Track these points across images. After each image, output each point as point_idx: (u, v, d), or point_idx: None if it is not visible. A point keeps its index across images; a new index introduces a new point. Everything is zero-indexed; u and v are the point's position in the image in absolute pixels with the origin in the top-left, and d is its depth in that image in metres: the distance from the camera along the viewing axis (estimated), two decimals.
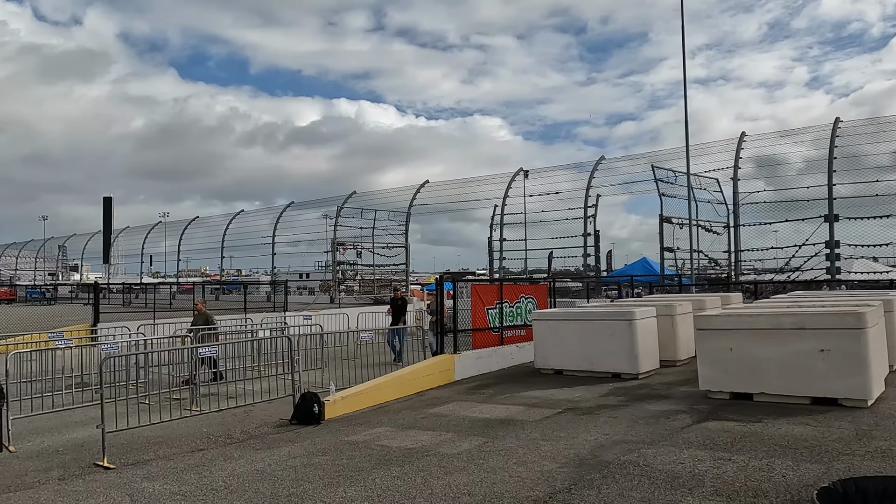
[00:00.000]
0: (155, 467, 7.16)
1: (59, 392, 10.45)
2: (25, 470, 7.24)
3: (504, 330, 13.32)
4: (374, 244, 30.64)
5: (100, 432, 8.61)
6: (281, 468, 6.86)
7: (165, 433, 8.64)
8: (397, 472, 6.48)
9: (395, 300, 16.67)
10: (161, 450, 7.93)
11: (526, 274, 29.60)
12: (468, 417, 8.86)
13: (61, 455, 7.85)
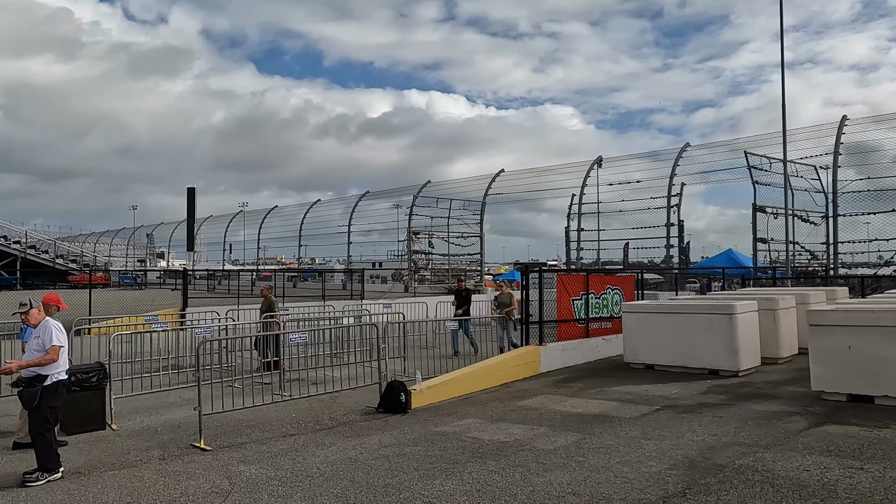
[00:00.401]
0: (249, 451, 7.20)
1: (155, 373, 10.79)
2: (128, 448, 7.44)
3: (590, 322, 12.86)
4: (450, 233, 30.49)
5: (195, 414, 8.80)
6: (373, 457, 6.76)
7: (256, 417, 8.73)
8: (493, 466, 6.25)
9: (459, 291, 16.09)
10: (253, 433, 8.00)
11: (598, 265, 28.77)
12: (560, 411, 8.52)
13: (160, 435, 8.04)
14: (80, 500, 5.72)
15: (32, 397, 6.30)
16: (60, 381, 6.48)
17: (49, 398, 6.35)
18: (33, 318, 6.48)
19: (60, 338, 6.42)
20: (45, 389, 6.33)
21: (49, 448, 6.36)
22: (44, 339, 6.37)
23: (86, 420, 8.13)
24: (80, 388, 8.02)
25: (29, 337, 7.68)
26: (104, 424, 8.34)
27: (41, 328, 6.45)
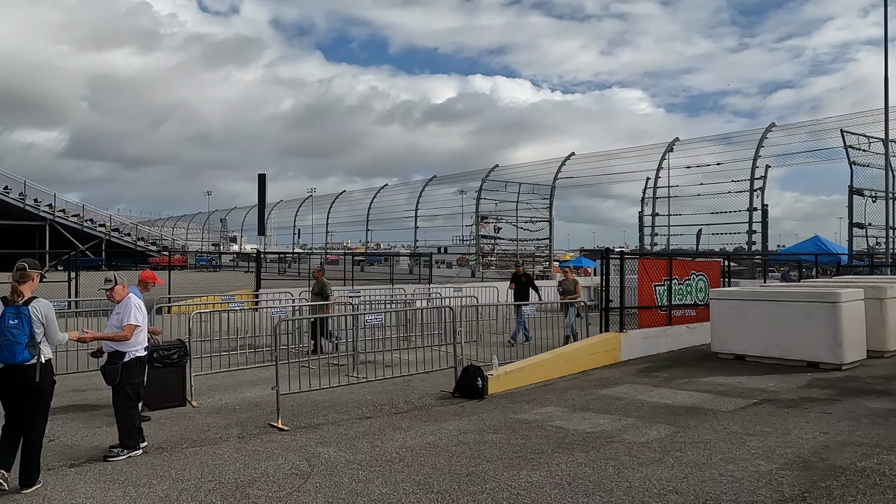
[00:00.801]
0: (326, 432, 7.07)
1: (232, 352, 10.89)
2: (208, 426, 7.45)
3: (673, 309, 12.21)
4: (518, 218, 29.97)
5: (272, 393, 8.76)
6: (453, 444, 6.49)
7: (331, 398, 8.63)
8: (582, 458, 5.86)
9: (517, 276, 15.28)
10: (330, 415, 7.89)
11: (668, 252, 27.60)
12: (647, 402, 8.03)
13: (238, 413, 8.04)
14: (161, 476, 5.70)
15: (114, 374, 6.34)
16: (138, 357, 6.48)
17: (128, 375, 6.37)
18: (117, 294, 6.51)
19: (138, 317, 6.42)
20: (124, 366, 6.35)
21: (131, 425, 6.39)
22: (123, 315, 6.38)
23: (167, 396, 8.22)
24: (162, 365, 8.10)
25: None
26: (185, 401, 8.41)
27: (123, 305, 6.47)
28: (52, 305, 5.71)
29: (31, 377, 5.36)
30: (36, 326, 5.42)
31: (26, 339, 5.33)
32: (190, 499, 5.14)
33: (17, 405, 5.42)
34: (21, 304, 5.42)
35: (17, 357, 5.31)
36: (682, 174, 29.17)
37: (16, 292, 5.45)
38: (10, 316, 5.36)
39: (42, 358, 5.45)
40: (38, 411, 5.52)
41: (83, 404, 8.47)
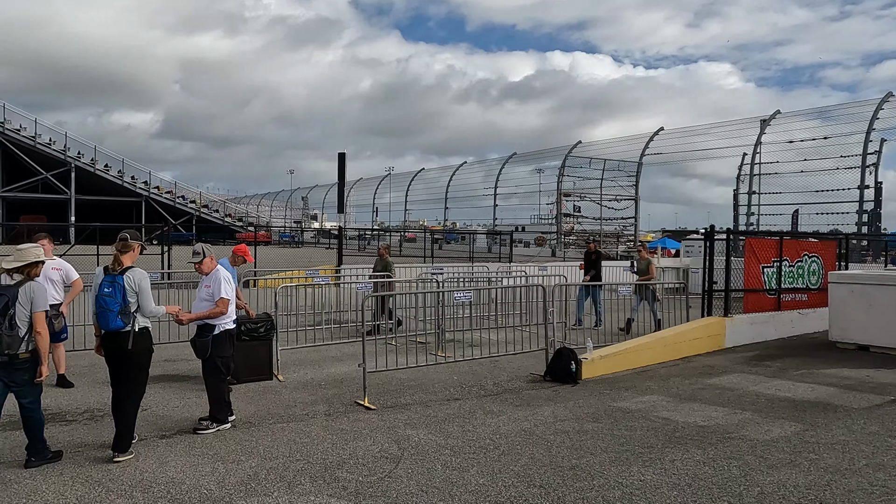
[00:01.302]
0: (414, 413, 6.76)
1: (318, 327, 10.79)
2: (294, 401, 7.30)
3: (782, 293, 11.20)
4: (603, 196, 28.87)
5: (357, 370, 8.53)
6: (550, 432, 6.02)
7: (416, 377, 8.34)
8: (699, 455, 5.27)
9: (588, 253, 14.20)
10: (416, 394, 7.59)
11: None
12: (763, 395, 7.28)
13: (324, 389, 7.86)
14: (250, 452, 5.53)
15: (204, 347, 6.22)
16: (228, 330, 6.34)
17: (218, 348, 6.25)
18: (206, 266, 6.37)
19: (228, 290, 6.27)
20: (214, 339, 6.23)
21: (221, 398, 6.28)
22: (213, 289, 6.24)
23: (254, 369, 8.14)
24: (249, 338, 8.01)
25: None
26: (271, 375, 8.32)
27: (212, 278, 6.33)
28: (147, 276, 5.64)
29: (124, 344, 5.37)
30: (129, 295, 5.43)
31: (118, 307, 5.37)
32: (278, 478, 4.92)
33: (117, 370, 5.53)
34: (117, 274, 5.45)
35: (110, 324, 5.35)
36: (781, 150, 27.22)
37: (116, 261, 5.49)
38: (106, 284, 5.40)
39: (136, 326, 5.44)
40: (132, 379, 5.54)
41: (174, 374, 8.54)
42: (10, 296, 4.93)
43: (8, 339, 4.87)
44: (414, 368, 8.32)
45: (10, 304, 4.90)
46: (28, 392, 5.10)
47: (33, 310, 5.01)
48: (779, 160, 26.73)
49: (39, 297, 5.11)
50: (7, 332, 4.86)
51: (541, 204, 42.75)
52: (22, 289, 5.02)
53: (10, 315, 4.88)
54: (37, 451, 5.19)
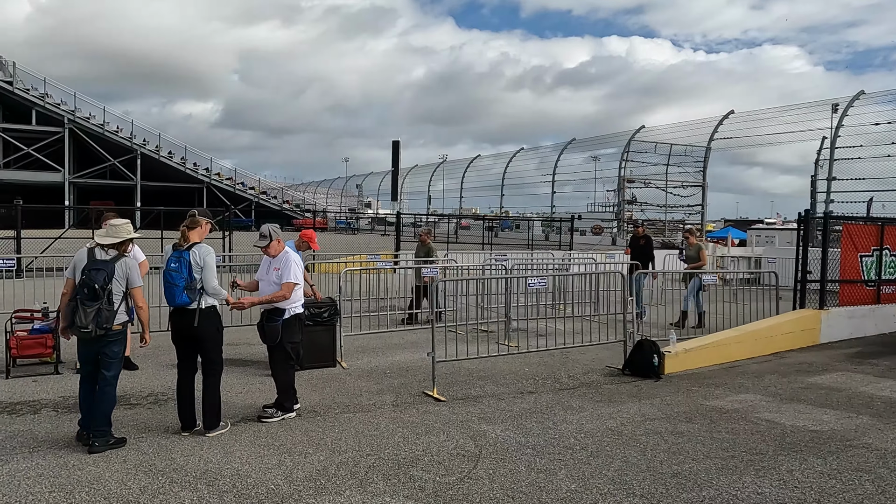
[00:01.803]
0: (488, 407, 6.31)
1: (382, 312, 10.46)
2: (360, 389, 6.95)
3: (882, 284, 10.24)
4: (668, 182, 27.71)
5: (423, 358, 8.17)
6: (641, 432, 5.47)
7: (485, 367, 7.89)
8: (819, 465, 4.64)
9: (635, 238, 12.86)
10: (487, 386, 7.14)
11: None
12: (878, 397, 6.53)
13: (389, 378, 7.50)
14: (317, 444, 5.19)
15: (274, 332, 5.90)
16: (298, 315, 6.02)
17: (288, 333, 5.93)
18: (273, 249, 6.05)
19: (297, 274, 5.93)
20: (285, 324, 5.92)
21: (289, 385, 5.97)
22: (282, 272, 5.92)
23: (318, 356, 7.84)
24: (313, 323, 7.70)
25: None
26: (334, 361, 8.02)
27: (282, 261, 6.00)
28: (212, 252, 5.40)
29: (190, 321, 5.26)
30: (195, 271, 5.28)
31: (184, 282, 5.24)
32: (349, 475, 4.55)
33: (185, 350, 5.45)
34: (184, 249, 5.33)
35: (176, 299, 5.23)
36: (859, 135, 25.43)
37: (184, 237, 5.38)
38: (172, 259, 5.29)
39: (202, 304, 5.30)
40: (204, 358, 5.42)
41: (236, 359, 8.32)
42: (109, 271, 4.99)
43: (107, 313, 4.93)
44: (483, 359, 7.87)
45: (108, 279, 4.96)
46: (114, 365, 5.15)
47: (130, 285, 5.12)
48: (862, 144, 24.99)
49: (135, 272, 5.17)
50: (107, 306, 4.93)
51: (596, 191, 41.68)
52: (118, 264, 5.08)
53: (108, 290, 4.95)
54: (101, 434, 5.04)
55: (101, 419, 5.08)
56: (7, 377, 7.20)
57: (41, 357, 7.48)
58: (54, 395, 6.58)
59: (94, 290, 4.90)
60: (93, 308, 4.88)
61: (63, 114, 45.42)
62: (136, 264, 5.29)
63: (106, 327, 4.93)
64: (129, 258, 5.27)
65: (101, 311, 4.90)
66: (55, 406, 6.22)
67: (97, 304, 4.89)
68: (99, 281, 4.92)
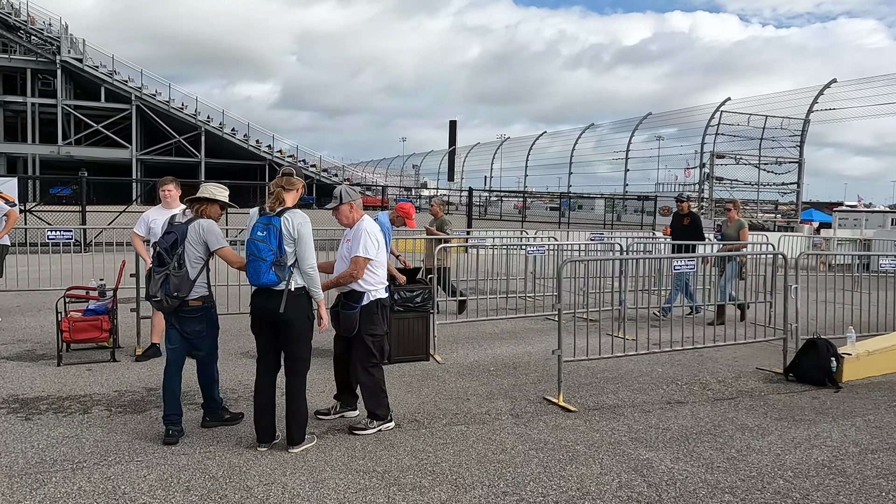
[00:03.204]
0: (634, 422, 4.94)
1: (473, 297, 9.14)
2: (465, 392, 5.69)
3: None
4: (762, 158, 25.38)
5: (527, 353, 6.93)
6: (871, 472, 4.02)
7: (607, 367, 6.53)
8: None
9: (678, 215, 9.89)
10: (620, 392, 5.76)
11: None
12: None
13: (496, 377, 6.21)
14: (432, 472, 3.95)
15: (351, 322, 4.65)
16: (380, 300, 4.76)
17: (368, 322, 4.68)
18: (343, 216, 4.76)
19: (370, 248, 4.62)
20: (364, 311, 4.66)
21: (378, 388, 4.75)
22: (352, 244, 4.65)
23: (408, 348, 6.63)
24: (404, 310, 6.49)
25: None
26: (428, 355, 6.79)
27: (354, 232, 4.73)
28: (308, 220, 4.21)
29: (276, 306, 4.16)
30: (286, 243, 4.13)
31: (272, 255, 4.09)
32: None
33: (266, 342, 4.38)
34: (274, 215, 4.16)
35: (260, 277, 4.13)
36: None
37: (277, 200, 4.22)
38: (259, 227, 4.16)
39: (292, 285, 4.16)
40: (289, 353, 4.33)
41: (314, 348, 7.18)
42: (179, 233, 4.39)
43: (175, 279, 4.31)
44: (606, 358, 6.44)
45: (179, 241, 4.37)
46: (202, 344, 4.57)
47: (211, 248, 4.45)
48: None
49: (212, 233, 4.46)
50: (175, 271, 4.32)
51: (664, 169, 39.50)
52: (192, 226, 4.43)
53: (178, 254, 4.35)
54: (211, 409, 4.73)
55: (207, 396, 4.70)
56: (59, 364, 6.26)
57: (97, 341, 6.51)
58: (108, 389, 5.57)
59: (161, 254, 4.39)
60: (161, 274, 4.34)
61: (130, 91, 45.79)
62: (213, 226, 4.54)
63: (177, 296, 4.31)
64: (207, 220, 4.53)
65: (169, 277, 4.30)
66: (109, 403, 5.20)
67: (164, 270, 4.33)
68: (166, 244, 4.38)
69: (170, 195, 6.54)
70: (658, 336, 6.50)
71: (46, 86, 46.22)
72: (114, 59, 46.75)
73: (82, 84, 46.91)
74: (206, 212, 4.56)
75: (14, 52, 44.25)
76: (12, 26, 43.99)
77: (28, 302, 9.52)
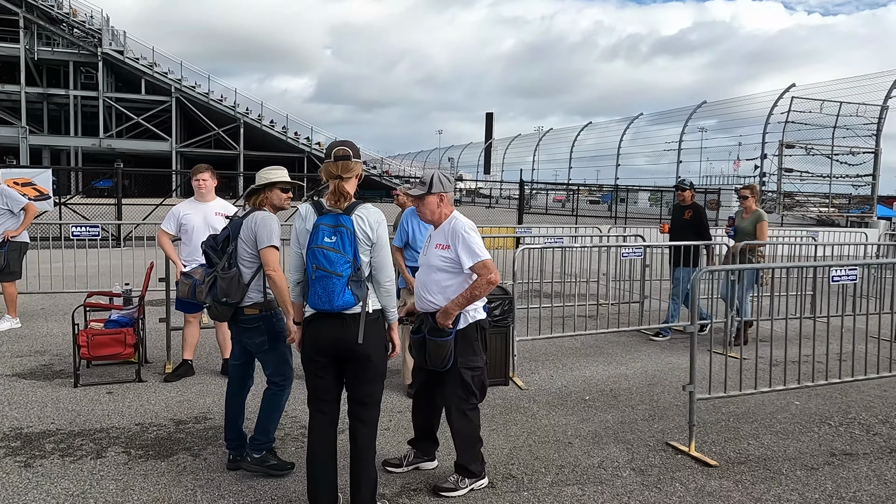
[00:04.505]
0: (803, 486, 3.74)
1: (556, 305, 7.95)
2: (563, 432, 4.54)
3: None
4: (835, 148, 23.52)
5: (623, 375, 5.76)
6: None
7: (734, 399, 5.27)
8: None
9: (679, 208, 7.91)
10: (762, 436, 4.55)
11: None
12: None
13: (595, 410, 5.05)
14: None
15: (443, 352, 3.51)
16: (479, 321, 3.64)
17: (467, 352, 3.57)
18: (428, 209, 3.61)
19: (482, 247, 3.53)
20: (460, 337, 3.55)
21: (473, 438, 3.65)
22: (458, 249, 3.51)
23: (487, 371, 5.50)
24: None
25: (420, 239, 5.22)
26: (507, 378, 5.66)
27: (451, 232, 3.59)
28: (384, 217, 3.11)
29: (352, 336, 3.05)
30: (362, 250, 3.05)
31: (349, 269, 2.99)
32: None
33: (328, 381, 3.22)
34: (342, 213, 3.05)
35: (334, 299, 2.99)
36: None
37: (339, 195, 3.10)
38: (326, 230, 3.02)
39: (369, 306, 3.10)
40: (359, 394, 3.21)
41: None
42: (233, 229, 3.72)
43: (223, 281, 3.61)
44: (743, 391, 5.21)
45: (231, 238, 3.70)
46: (267, 359, 3.77)
47: (259, 244, 3.66)
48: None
49: (265, 227, 3.65)
50: (223, 272, 3.63)
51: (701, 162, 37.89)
52: (247, 220, 3.71)
53: (228, 252, 3.69)
54: (257, 446, 3.73)
55: (259, 427, 3.76)
56: (76, 385, 5.32)
57: (120, 357, 5.55)
58: (129, 421, 4.58)
59: (207, 254, 3.79)
60: (210, 276, 3.72)
61: (170, 83, 45.63)
62: (269, 219, 3.70)
63: (226, 302, 3.62)
64: (263, 213, 3.73)
65: (217, 279, 3.65)
66: (128, 442, 4.21)
67: (213, 272, 3.70)
68: (217, 241, 3.76)
69: (204, 186, 5.55)
70: (781, 356, 5.20)
71: (89, 79, 46.40)
72: (153, 52, 46.67)
73: (123, 76, 46.96)
74: (267, 201, 3.79)
75: (57, 45, 44.47)
76: (55, 19, 44.16)
77: (55, 304, 8.69)
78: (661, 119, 40.63)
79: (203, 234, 5.35)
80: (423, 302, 3.65)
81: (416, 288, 3.73)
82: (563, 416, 4.92)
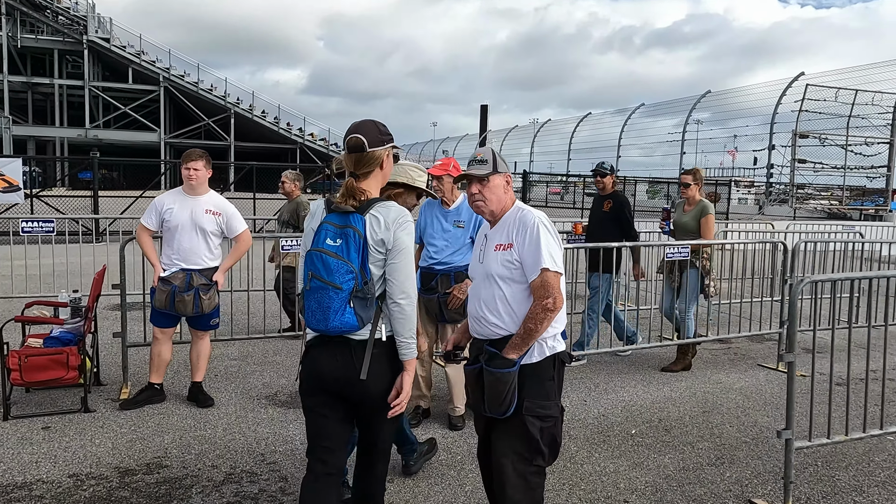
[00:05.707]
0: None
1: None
2: (615, 482, 3.57)
3: None
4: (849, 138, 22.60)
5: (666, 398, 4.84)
6: None
7: None
8: None
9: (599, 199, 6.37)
10: (865, 489, 3.62)
11: None
12: None
13: (648, 450, 4.08)
14: None
15: (503, 391, 2.38)
16: (557, 354, 2.56)
17: (534, 394, 2.44)
18: (494, 194, 2.60)
19: (558, 257, 2.48)
20: (529, 372, 2.44)
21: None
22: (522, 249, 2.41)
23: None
24: None
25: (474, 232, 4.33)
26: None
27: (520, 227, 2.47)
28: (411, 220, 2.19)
29: (353, 368, 2.24)
30: (372, 260, 2.24)
31: (351, 281, 2.20)
32: None
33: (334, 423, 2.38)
34: (353, 212, 2.27)
35: (330, 318, 2.21)
36: None
37: (352, 193, 2.31)
38: (330, 232, 2.27)
39: (382, 332, 2.29)
40: (370, 441, 2.45)
41: None
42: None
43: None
44: (851, 435, 4.24)
45: None
46: None
47: None
48: None
49: None
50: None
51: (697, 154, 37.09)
52: None
53: None
54: None
55: None
56: (5, 418, 4.31)
57: (61, 383, 4.53)
58: (61, 472, 3.59)
59: None
60: None
61: (158, 72, 44.37)
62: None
63: None
64: None
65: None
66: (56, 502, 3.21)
67: None
68: None
69: (195, 177, 4.51)
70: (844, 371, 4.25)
71: (75, 67, 45.10)
72: (141, 39, 45.38)
73: (110, 65, 45.67)
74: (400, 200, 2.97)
75: (41, 33, 43.12)
76: (38, 5, 42.81)
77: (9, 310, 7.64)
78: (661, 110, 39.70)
79: (188, 233, 4.41)
80: (480, 325, 2.55)
81: (469, 307, 2.67)
82: (610, 459, 3.95)
